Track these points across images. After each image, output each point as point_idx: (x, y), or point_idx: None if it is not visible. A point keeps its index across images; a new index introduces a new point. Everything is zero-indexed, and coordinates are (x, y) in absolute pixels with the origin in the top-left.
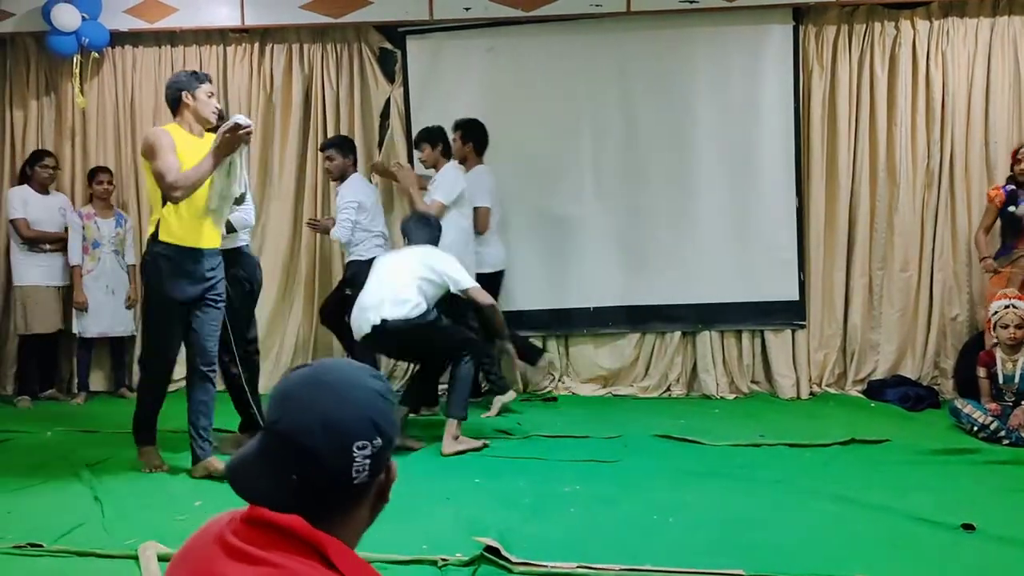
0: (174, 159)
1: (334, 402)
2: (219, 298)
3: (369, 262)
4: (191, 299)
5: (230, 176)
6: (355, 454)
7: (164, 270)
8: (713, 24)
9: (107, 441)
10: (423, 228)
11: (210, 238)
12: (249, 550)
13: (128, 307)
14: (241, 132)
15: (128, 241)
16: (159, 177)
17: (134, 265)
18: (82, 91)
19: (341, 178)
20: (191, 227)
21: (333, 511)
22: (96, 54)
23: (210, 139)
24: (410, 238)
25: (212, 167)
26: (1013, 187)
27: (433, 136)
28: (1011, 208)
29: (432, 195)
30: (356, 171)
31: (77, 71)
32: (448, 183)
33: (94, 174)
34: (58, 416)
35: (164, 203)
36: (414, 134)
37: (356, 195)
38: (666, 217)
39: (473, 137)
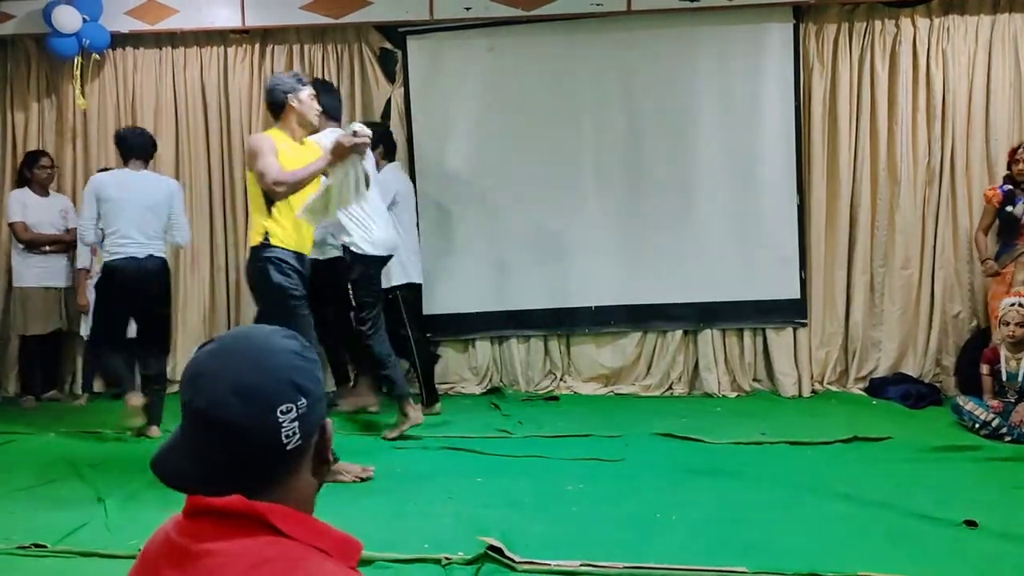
0: (274, 159)
1: (246, 369)
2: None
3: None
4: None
5: (344, 186)
6: (280, 419)
7: (280, 271)
8: (714, 23)
9: (108, 442)
10: None
11: (309, 242)
12: (189, 547)
13: None
14: (358, 140)
15: None
16: (260, 176)
17: None
18: (83, 93)
19: None
20: (294, 232)
21: (272, 483)
22: (97, 56)
23: (311, 145)
24: None
25: (320, 170)
26: (1010, 187)
27: (374, 137)
28: (1009, 208)
29: None
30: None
31: (78, 73)
32: (383, 187)
33: None
34: (60, 417)
35: (269, 211)
36: (415, 134)
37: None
38: (667, 216)
39: (382, 142)
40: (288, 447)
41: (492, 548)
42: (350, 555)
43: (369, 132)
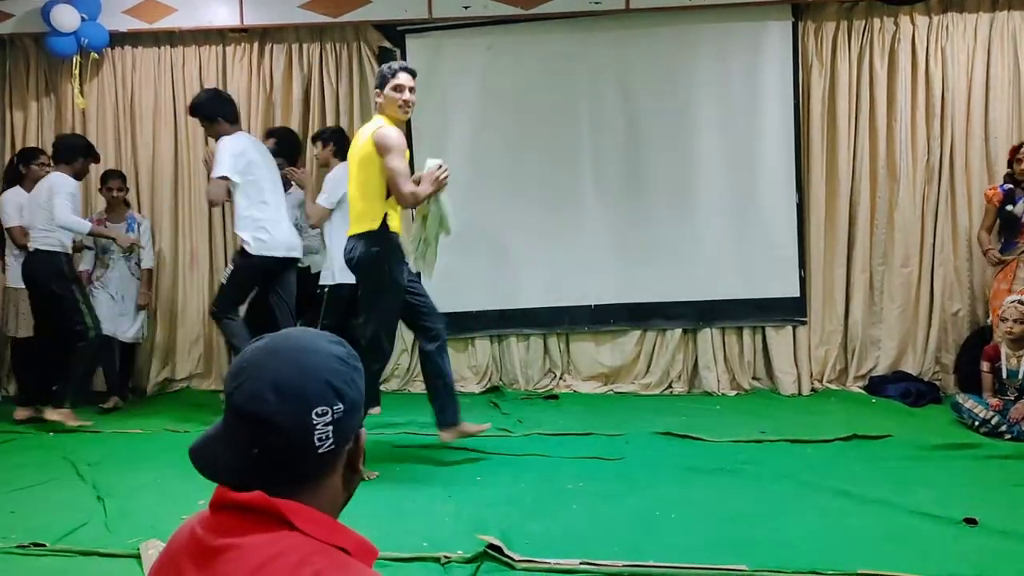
0: (405, 165)
1: (288, 368)
2: None
3: None
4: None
5: (439, 218)
6: (315, 421)
7: (395, 258)
8: (712, 21)
9: (108, 441)
10: None
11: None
12: (210, 542)
13: (140, 309)
14: (440, 175)
15: (145, 242)
16: (396, 177)
17: (150, 269)
18: (82, 92)
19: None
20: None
21: (301, 484)
22: (95, 55)
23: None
24: None
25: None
26: (1011, 186)
27: (326, 136)
28: (1009, 207)
29: (318, 199)
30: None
31: (77, 72)
32: (331, 186)
33: (105, 179)
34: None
35: (388, 195)
36: (414, 133)
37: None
38: (666, 214)
39: (333, 140)
40: (320, 450)
41: (491, 547)
42: (366, 558)
43: (444, 166)
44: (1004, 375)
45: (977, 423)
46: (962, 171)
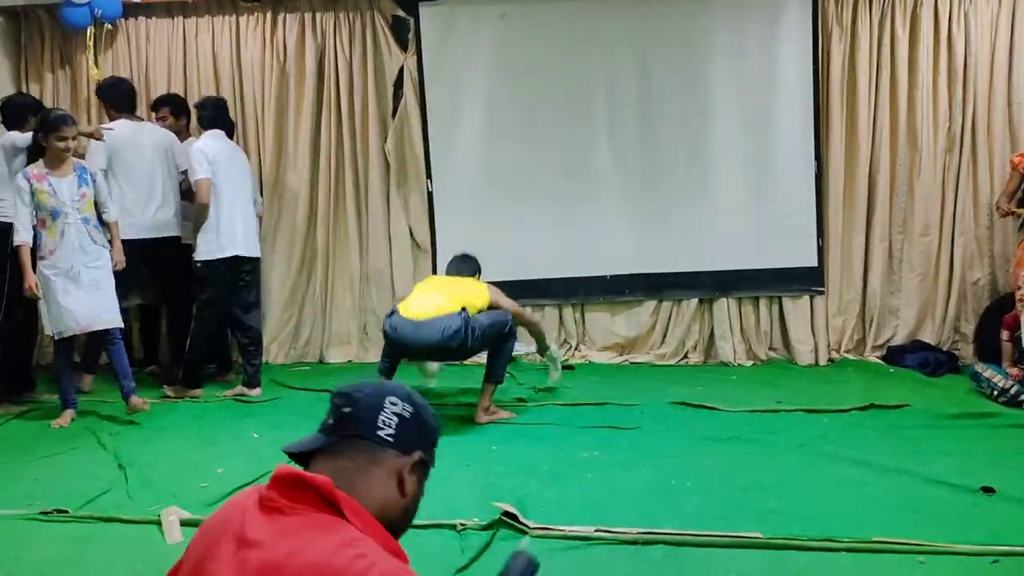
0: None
1: (370, 392)
2: None
3: None
4: None
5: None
6: (385, 405)
7: None
8: None
9: (122, 411)
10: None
11: None
12: (280, 503)
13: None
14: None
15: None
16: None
17: (116, 222)
18: (96, 63)
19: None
20: None
21: (354, 458)
22: (110, 25)
23: None
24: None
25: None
26: None
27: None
28: None
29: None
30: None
31: (91, 43)
32: (199, 156)
33: (55, 125)
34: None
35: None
36: (428, 103)
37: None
38: (683, 183)
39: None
40: (378, 431)
41: (507, 514)
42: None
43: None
44: (1023, 344)
45: (996, 392)
46: (984, 138)
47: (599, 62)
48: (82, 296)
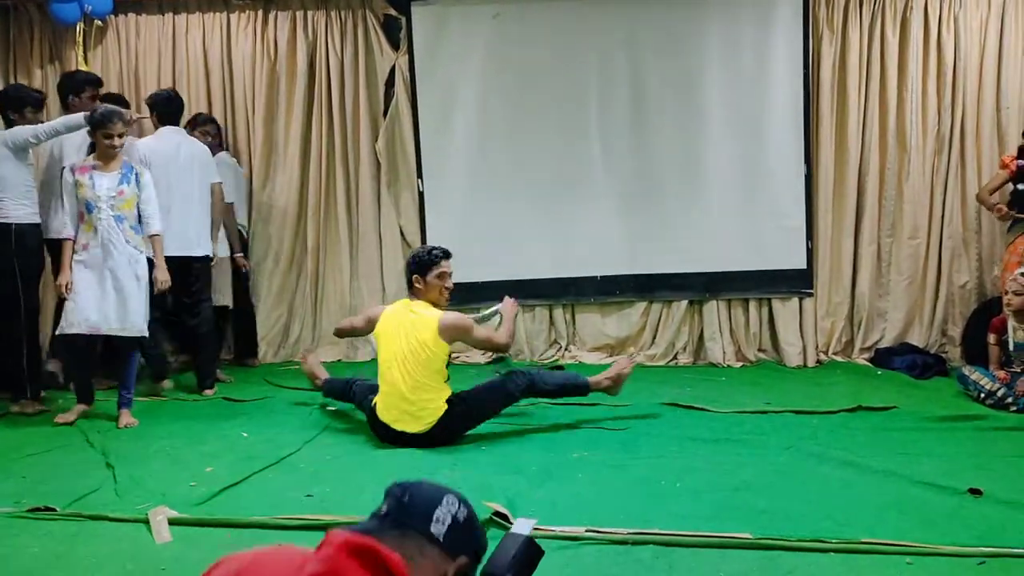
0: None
1: (419, 492)
2: None
3: None
4: None
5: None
6: (444, 502)
7: None
8: None
9: (115, 410)
10: None
11: None
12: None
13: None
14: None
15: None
16: (490, 338)
17: (157, 235)
18: (86, 59)
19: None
20: None
21: (402, 547)
22: (99, 22)
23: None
24: None
25: None
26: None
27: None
28: (1021, 186)
29: None
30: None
31: (80, 39)
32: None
33: (101, 122)
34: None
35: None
36: (420, 102)
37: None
38: (674, 185)
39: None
40: (431, 527)
41: (497, 514)
42: None
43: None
44: (1011, 347)
45: (983, 395)
46: (973, 141)
47: (591, 62)
48: (100, 296)
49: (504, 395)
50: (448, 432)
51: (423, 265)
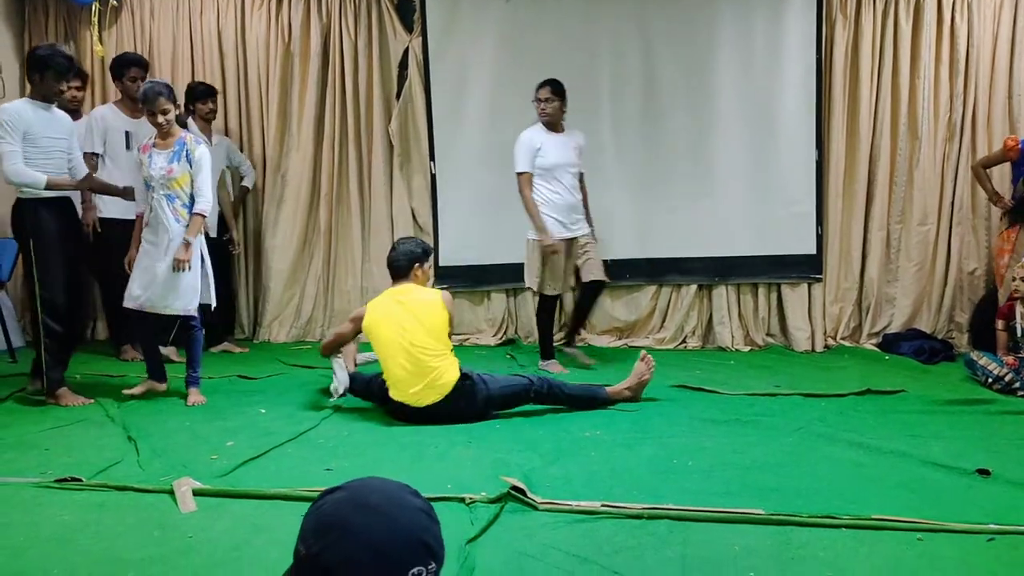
0: None
1: (383, 528)
2: None
3: None
4: None
5: None
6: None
7: None
8: None
9: (132, 384)
10: None
11: None
12: None
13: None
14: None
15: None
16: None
17: (201, 214)
18: (100, 39)
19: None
20: None
21: None
22: (114, 2)
23: None
24: None
25: None
26: None
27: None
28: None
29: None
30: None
31: (95, 20)
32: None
33: (145, 99)
34: (86, 362)
35: None
36: (432, 85)
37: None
38: (685, 169)
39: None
40: None
41: (515, 488)
42: None
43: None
44: (1019, 333)
45: (991, 380)
46: (984, 129)
47: (603, 48)
48: (149, 275)
49: (522, 397)
50: (460, 410)
51: (427, 254)
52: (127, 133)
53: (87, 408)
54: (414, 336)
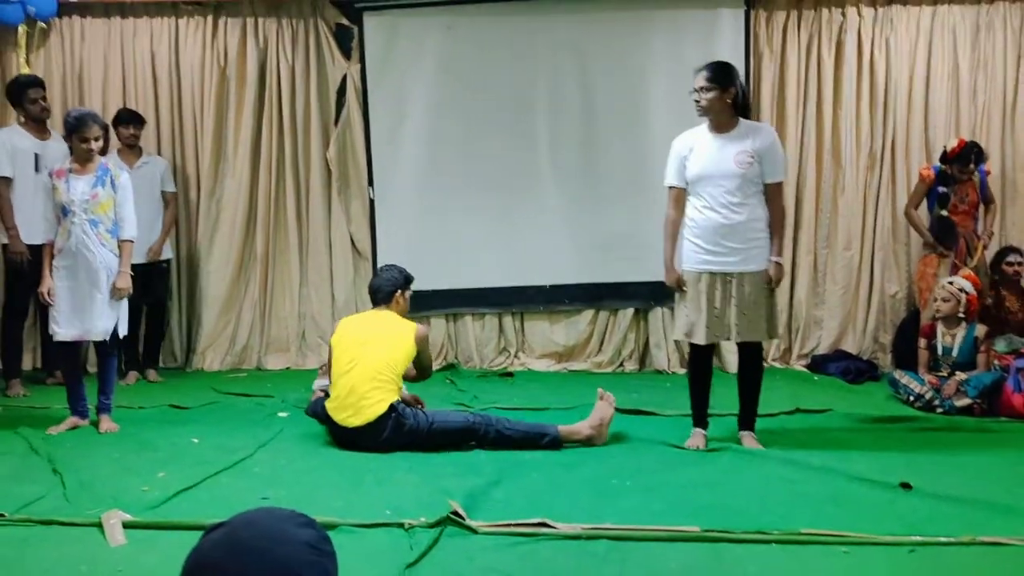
0: None
1: (255, 568)
2: None
3: None
4: None
5: None
6: None
7: None
8: (667, 7)
9: (56, 417)
10: None
11: None
12: None
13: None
14: None
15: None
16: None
17: (129, 241)
18: (28, 62)
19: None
20: None
21: None
22: (43, 24)
23: None
24: None
25: None
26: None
27: None
28: (941, 188)
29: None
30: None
31: (23, 42)
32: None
33: (75, 126)
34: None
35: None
36: (371, 111)
37: None
38: (621, 196)
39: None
40: None
41: (454, 513)
42: None
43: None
44: (939, 352)
45: (912, 398)
46: (903, 158)
47: (541, 74)
48: (74, 302)
49: (466, 434)
50: (387, 440)
51: (408, 282)
52: (36, 155)
53: (9, 440)
54: (372, 356)
